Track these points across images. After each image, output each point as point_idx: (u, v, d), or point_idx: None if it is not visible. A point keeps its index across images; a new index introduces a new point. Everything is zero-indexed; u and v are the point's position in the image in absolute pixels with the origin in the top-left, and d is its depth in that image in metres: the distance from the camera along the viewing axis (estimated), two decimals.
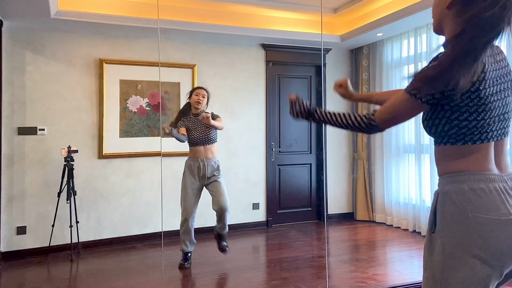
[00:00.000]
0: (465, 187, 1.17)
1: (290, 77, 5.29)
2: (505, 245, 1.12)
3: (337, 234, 4.83)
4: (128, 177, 4.44)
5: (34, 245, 4.08)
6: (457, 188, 1.18)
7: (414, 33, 4.71)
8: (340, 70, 5.57)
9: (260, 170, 5.02)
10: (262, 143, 5.05)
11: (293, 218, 5.22)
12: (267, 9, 4.64)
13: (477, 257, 1.13)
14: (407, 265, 3.69)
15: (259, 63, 5.07)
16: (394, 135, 5.06)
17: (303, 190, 5.30)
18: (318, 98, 5.42)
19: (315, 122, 1.48)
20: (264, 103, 5.07)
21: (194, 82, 4.65)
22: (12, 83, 4.05)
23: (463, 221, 1.15)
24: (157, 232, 4.44)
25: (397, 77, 5.04)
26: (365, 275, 3.41)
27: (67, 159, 3.99)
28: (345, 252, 4.10)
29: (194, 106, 3.73)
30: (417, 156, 4.72)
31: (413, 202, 4.79)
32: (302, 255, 3.98)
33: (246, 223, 4.88)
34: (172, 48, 4.62)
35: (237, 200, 4.84)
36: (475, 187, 1.16)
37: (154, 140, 4.50)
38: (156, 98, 4.52)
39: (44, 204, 4.13)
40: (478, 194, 1.15)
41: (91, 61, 4.35)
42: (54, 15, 3.82)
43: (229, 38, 4.71)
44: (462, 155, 1.21)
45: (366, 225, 5.23)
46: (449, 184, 1.21)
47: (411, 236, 4.63)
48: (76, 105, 4.29)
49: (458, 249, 1.15)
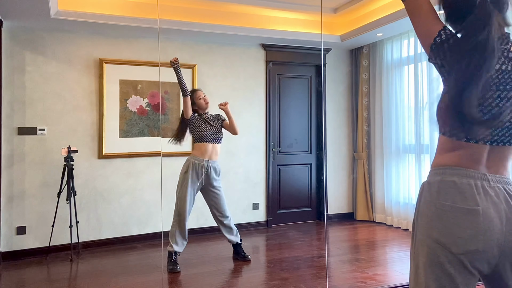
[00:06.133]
0: (439, 179, 1.21)
1: (290, 77, 5.29)
2: (466, 233, 1.14)
3: (337, 234, 4.83)
4: (128, 177, 4.44)
5: (34, 245, 4.08)
6: (433, 180, 1.23)
7: (414, 33, 4.71)
8: (340, 70, 5.58)
9: (260, 170, 5.02)
10: (262, 143, 5.05)
11: (293, 218, 5.22)
12: (267, 9, 4.64)
13: (438, 242, 1.17)
14: (407, 265, 3.68)
15: (259, 63, 5.07)
16: (394, 135, 5.06)
17: (303, 190, 5.30)
18: (318, 98, 5.42)
19: None
20: (264, 103, 5.07)
21: (194, 82, 4.65)
22: (12, 83, 4.05)
23: (430, 210, 1.20)
24: (157, 232, 4.44)
25: (397, 77, 5.04)
26: (365, 275, 3.41)
27: (67, 159, 3.98)
28: (345, 252, 4.10)
29: (204, 106, 3.77)
30: (417, 156, 4.71)
31: (413, 202, 4.78)
32: (302, 255, 3.98)
33: (246, 223, 4.89)
34: (172, 48, 4.62)
35: (237, 200, 4.84)
36: (447, 179, 1.20)
37: (154, 140, 4.50)
38: (156, 98, 4.52)
39: (44, 204, 4.13)
40: (448, 185, 1.19)
41: (91, 61, 4.35)
42: (54, 15, 3.82)
43: (229, 38, 4.71)
44: (451, 149, 1.22)
45: (366, 225, 5.23)
46: (429, 176, 1.26)
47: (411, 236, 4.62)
48: (76, 105, 4.29)
49: (423, 235, 1.21)
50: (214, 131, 3.74)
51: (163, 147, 4.41)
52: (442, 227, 1.17)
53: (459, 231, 1.15)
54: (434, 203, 1.19)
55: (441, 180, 1.20)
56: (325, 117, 5.41)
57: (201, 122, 3.73)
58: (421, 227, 1.22)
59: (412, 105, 4.81)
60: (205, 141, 3.70)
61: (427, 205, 1.21)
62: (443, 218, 1.17)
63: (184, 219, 3.60)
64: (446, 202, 1.17)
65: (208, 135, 3.70)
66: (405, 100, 4.94)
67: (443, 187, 1.19)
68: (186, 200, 3.60)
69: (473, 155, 1.19)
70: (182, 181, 3.65)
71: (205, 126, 3.72)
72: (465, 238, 1.14)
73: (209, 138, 3.71)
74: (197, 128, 3.71)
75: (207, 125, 3.73)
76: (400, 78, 5.01)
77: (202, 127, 3.71)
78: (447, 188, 1.18)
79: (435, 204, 1.19)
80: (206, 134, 3.69)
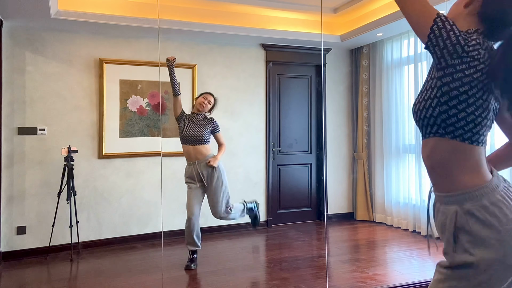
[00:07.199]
0: (486, 203, 1.15)
1: (290, 77, 5.29)
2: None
3: (337, 234, 4.83)
4: (128, 177, 4.44)
5: (34, 245, 4.08)
6: (478, 205, 1.15)
7: (414, 33, 4.71)
8: (340, 70, 5.58)
9: (260, 170, 5.02)
10: (262, 143, 5.05)
11: (293, 218, 5.22)
12: (267, 9, 4.64)
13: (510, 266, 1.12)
14: (407, 265, 3.69)
15: (259, 63, 5.07)
16: (394, 135, 5.06)
17: (303, 190, 5.30)
18: (318, 98, 5.42)
19: None
20: (264, 103, 5.07)
21: (194, 82, 4.65)
22: (12, 83, 4.05)
23: (494, 236, 1.12)
24: (157, 232, 4.44)
25: (397, 77, 5.04)
26: (365, 275, 3.41)
27: (67, 159, 3.98)
28: (345, 252, 4.10)
29: (197, 107, 3.74)
30: (417, 156, 4.71)
31: (413, 202, 4.79)
32: (302, 255, 3.98)
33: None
34: (172, 48, 4.62)
35: (237, 200, 4.83)
36: (493, 200, 1.14)
37: (154, 140, 4.50)
38: (156, 98, 4.52)
39: (44, 204, 4.13)
40: (499, 206, 1.13)
41: (91, 61, 4.35)
42: (54, 15, 3.82)
43: (229, 38, 4.71)
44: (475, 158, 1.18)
45: (366, 225, 5.23)
46: (467, 201, 1.17)
47: (411, 236, 4.63)
48: (76, 105, 4.29)
49: (495, 263, 1.12)
50: (196, 132, 3.66)
51: (163, 147, 4.41)
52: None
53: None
54: (497, 229, 1.13)
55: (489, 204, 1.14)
56: (325, 117, 5.41)
57: (186, 122, 3.71)
58: (487, 258, 1.13)
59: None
60: (185, 142, 3.68)
61: (486, 233, 1.13)
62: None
63: (191, 218, 3.60)
64: (507, 226, 1.13)
65: (188, 136, 3.65)
66: (405, 100, 4.94)
67: (494, 210, 1.14)
68: (189, 200, 3.64)
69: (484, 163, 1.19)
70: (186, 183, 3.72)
71: (186, 126, 3.68)
72: None
73: (188, 139, 3.66)
74: (180, 129, 3.71)
75: (190, 124, 3.69)
76: (400, 78, 5.01)
77: (183, 128, 3.68)
78: (499, 210, 1.14)
79: (498, 230, 1.12)
80: (186, 135, 3.66)
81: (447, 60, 1.14)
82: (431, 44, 1.16)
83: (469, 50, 1.13)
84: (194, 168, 3.66)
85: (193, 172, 3.66)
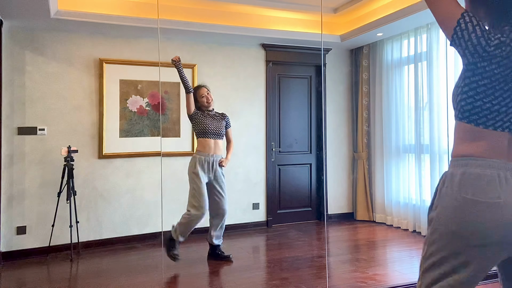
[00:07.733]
0: (462, 171, 1.22)
1: (290, 77, 5.29)
2: (486, 226, 1.16)
3: (337, 234, 4.83)
4: (128, 177, 4.44)
5: (34, 245, 4.08)
6: (455, 172, 1.24)
7: (414, 33, 4.71)
8: (340, 70, 5.58)
9: (260, 170, 5.02)
10: (262, 143, 5.05)
11: (293, 218, 5.22)
12: (267, 9, 4.64)
13: (456, 233, 1.19)
14: (407, 265, 3.69)
15: (259, 63, 5.07)
16: (394, 135, 5.06)
17: (303, 190, 5.30)
18: (318, 98, 5.42)
19: None
20: (264, 103, 5.07)
21: (194, 82, 4.65)
22: (12, 83, 4.05)
23: (450, 202, 1.21)
24: (157, 232, 4.44)
25: (397, 77, 5.04)
26: (365, 275, 3.41)
27: (67, 159, 3.98)
28: (345, 252, 4.09)
29: (204, 103, 3.80)
30: (417, 156, 4.71)
31: (413, 202, 4.79)
32: (302, 255, 3.98)
33: (246, 223, 4.89)
34: (172, 48, 4.62)
35: (237, 200, 4.84)
36: (470, 171, 1.20)
37: (154, 140, 4.50)
38: (156, 98, 4.52)
39: (44, 204, 4.13)
40: (471, 178, 1.20)
41: (91, 61, 4.35)
42: (54, 15, 3.82)
43: (229, 38, 4.71)
44: (472, 137, 1.23)
45: (366, 225, 5.23)
46: (452, 167, 1.27)
47: (411, 236, 4.63)
48: (76, 105, 4.29)
49: (442, 225, 1.22)
50: (216, 126, 3.76)
51: (163, 147, 4.41)
52: (461, 221, 1.18)
53: (479, 224, 1.16)
54: (455, 196, 1.20)
55: (463, 172, 1.21)
56: (325, 117, 5.41)
57: (203, 117, 3.76)
58: (440, 217, 1.23)
59: (412, 105, 4.81)
60: (207, 136, 3.73)
61: (448, 197, 1.23)
62: (464, 211, 1.18)
63: (203, 215, 3.61)
64: (467, 195, 1.18)
65: (210, 130, 3.73)
66: (405, 100, 4.94)
67: (465, 179, 1.20)
68: (202, 194, 3.61)
69: (494, 144, 1.21)
70: (193, 177, 3.66)
71: (206, 121, 3.75)
72: (484, 231, 1.16)
73: (210, 133, 3.73)
74: (198, 123, 3.75)
75: (208, 119, 3.76)
76: (400, 78, 5.01)
77: (203, 122, 3.74)
78: (469, 181, 1.19)
79: (456, 197, 1.20)
80: (207, 129, 3.72)
81: (469, 59, 1.22)
82: (455, 44, 1.24)
83: (490, 50, 1.18)
84: (211, 160, 3.69)
85: (209, 164, 3.70)
